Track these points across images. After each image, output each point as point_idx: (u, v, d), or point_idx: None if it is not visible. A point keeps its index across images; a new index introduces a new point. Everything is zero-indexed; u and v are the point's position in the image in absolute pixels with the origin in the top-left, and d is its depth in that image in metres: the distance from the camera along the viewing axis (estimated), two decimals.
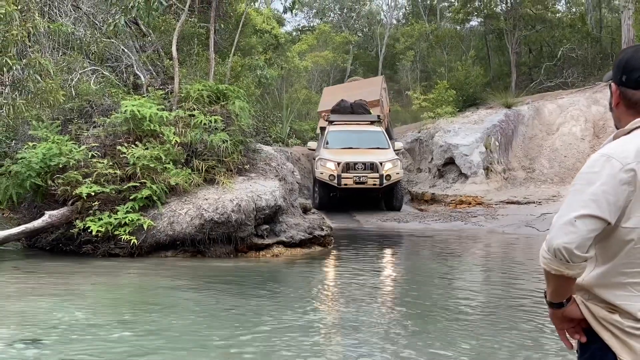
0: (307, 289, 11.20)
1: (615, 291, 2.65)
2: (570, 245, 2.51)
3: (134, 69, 15.59)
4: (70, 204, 12.91)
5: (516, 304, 9.40)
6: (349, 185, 19.17)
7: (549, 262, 2.58)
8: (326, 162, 19.51)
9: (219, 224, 12.74)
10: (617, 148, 2.62)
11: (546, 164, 21.38)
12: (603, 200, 2.53)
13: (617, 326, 2.65)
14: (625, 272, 2.63)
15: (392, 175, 19.30)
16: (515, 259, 14.08)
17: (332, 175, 19.23)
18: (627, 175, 2.54)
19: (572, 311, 2.75)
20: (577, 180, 2.63)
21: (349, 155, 19.64)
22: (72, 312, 8.88)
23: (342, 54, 31.67)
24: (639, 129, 2.68)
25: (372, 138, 20.87)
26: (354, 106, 22.31)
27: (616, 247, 2.62)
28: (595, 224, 2.53)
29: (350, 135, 20.90)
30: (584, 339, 2.76)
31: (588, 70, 30.12)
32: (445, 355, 6.98)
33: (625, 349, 2.63)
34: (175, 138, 13.40)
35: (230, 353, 7.17)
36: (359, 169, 19.23)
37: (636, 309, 2.61)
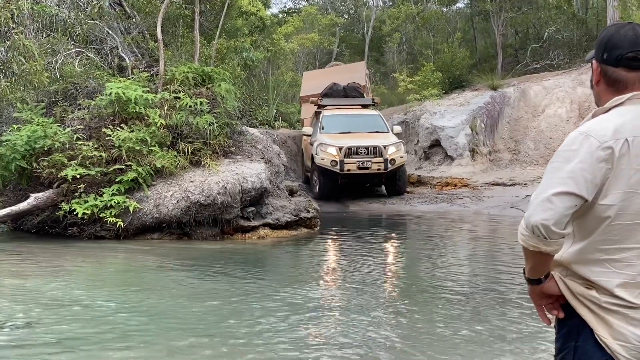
0: (292, 270, 11.25)
1: (592, 267, 2.68)
2: (547, 222, 2.53)
3: (119, 51, 15.52)
4: (55, 187, 12.89)
5: (501, 284, 9.48)
6: (352, 171, 18.38)
7: (527, 238, 2.61)
8: (327, 147, 18.62)
9: (205, 206, 12.75)
10: (596, 126, 2.64)
11: (531, 146, 21.47)
12: (580, 177, 2.56)
13: (594, 302, 2.68)
14: (602, 249, 2.66)
15: (397, 159, 18.53)
16: (500, 240, 14.16)
17: (334, 161, 18.36)
18: (604, 153, 2.57)
19: (550, 287, 2.78)
20: (555, 158, 2.65)
21: (350, 139, 18.85)
22: (59, 294, 8.91)
23: (329, 37, 31.58)
24: (618, 107, 2.69)
25: (370, 122, 20.25)
26: (347, 89, 21.62)
27: (593, 224, 2.65)
28: (572, 201, 2.56)
29: (346, 119, 20.18)
30: (561, 314, 2.79)
31: (574, 52, 30.15)
32: (432, 333, 7.04)
33: (602, 324, 2.67)
34: (160, 120, 13.37)
35: (218, 332, 7.21)
36: (362, 153, 18.42)
37: (613, 284, 2.65)
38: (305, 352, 6.54)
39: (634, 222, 2.63)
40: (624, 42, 2.71)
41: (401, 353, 6.51)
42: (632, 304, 2.64)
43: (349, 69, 25.24)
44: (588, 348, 2.70)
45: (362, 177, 18.86)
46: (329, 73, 24.26)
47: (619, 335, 2.65)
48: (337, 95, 21.39)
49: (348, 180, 18.70)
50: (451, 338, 6.95)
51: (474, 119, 21.53)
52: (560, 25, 30.44)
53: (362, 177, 18.86)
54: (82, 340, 6.94)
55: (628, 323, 2.64)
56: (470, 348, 6.64)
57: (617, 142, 2.59)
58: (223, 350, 6.70)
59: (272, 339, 6.93)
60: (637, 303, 2.65)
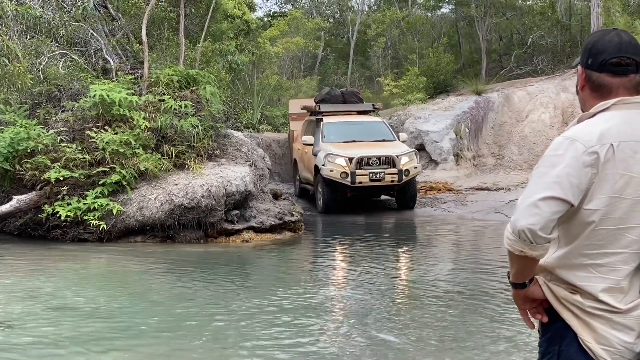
0: (276, 273, 11.25)
1: (576, 272, 2.69)
2: (534, 227, 2.54)
3: (103, 53, 15.45)
4: (38, 189, 12.83)
5: (484, 287, 9.50)
6: (364, 183, 16.89)
7: (513, 243, 2.62)
8: (335, 157, 17.03)
9: (188, 209, 12.72)
10: (581, 131, 2.65)
11: (515, 151, 21.55)
12: (566, 182, 2.57)
13: (578, 306, 2.69)
14: (587, 254, 2.67)
15: (411, 170, 17.13)
16: (483, 244, 14.21)
17: (344, 173, 16.78)
18: (590, 158, 2.58)
19: (535, 292, 2.79)
20: (541, 163, 2.66)
21: (359, 149, 17.40)
22: (40, 296, 8.86)
23: (314, 40, 31.60)
24: (603, 112, 2.71)
25: (375, 129, 18.84)
26: (345, 94, 20.28)
27: (578, 228, 2.66)
28: (558, 206, 2.57)
29: (349, 126, 18.74)
30: (545, 318, 2.80)
31: (558, 57, 30.31)
32: (415, 336, 7.06)
33: (586, 328, 2.68)
34: (145, 123, 13.33)
35: (201, 335, 7.19)
36: (374, 164, 16.94)
37: (597, 289, 2.66)
38: (289, 354, 6.54)
39: (618, 227, 2.65)
40: (608, 48, 2.73)
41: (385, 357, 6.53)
42: (616, 309, 2.66)
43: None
44: (572, 352, 2.71)
45: (373, 190, 17.61)
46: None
47: (603, 339, 2.66)
48: (335, 100, 20.02)
49: (358, 193, 17.43)
50: (440, 341, 6.97)
51: (458, 123, 21.60)
52: (544, 31, 30.60)
53: (373, 190, 17.61)
54: (60, 342, 6.91)
55: (612, 327, 2.66)
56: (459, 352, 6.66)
57: (603, 147, 2.60)
58: (207, 354, 6.69)
59: (257, 342, 6.93)
60: (621, 308, 2.66)
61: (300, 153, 19.32)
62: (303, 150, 18.88)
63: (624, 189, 2.63)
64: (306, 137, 18.40)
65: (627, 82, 2.72)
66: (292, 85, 28.01)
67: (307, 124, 19.60)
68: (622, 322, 2.66)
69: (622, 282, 2.67)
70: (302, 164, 19.16)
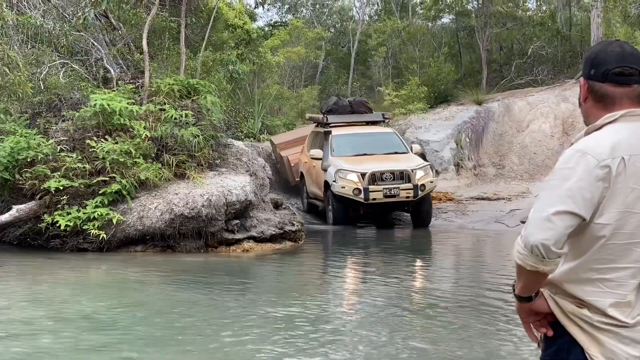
0: (276, 283, 11.22)
1: (584, 287, 2.66)
2: (547, 242, 2.51)
3: (104, 62, 15.45)
4: (38, 198, 12.80)
5: (488, 299, 9.48)
6: (378, 200, 16.07)
7: (524, 257, 2.57)
8: (347, 173, 16.21)
9: (189, 219, 12.69)
10: (592, 143, 2.62)
11: (516, 161, 21.55)
12: (579, 196, 2.54)
13: (586, 321, 2.66)
14: (596, 268, 2.64)
15: (427, 184, 16.26)
16: (484, 255, 14.20)
17: (357, 189, 15.97)
18: (602, 172, 2.55)
19: (540, 305, 2.75)
20: (553, 176, 2.63)
21: (371, 163, 16.56)
22: (38, 307, 8.83)
23: (315, 50, 31.60)
24: (611, 124, 2.68)
25: (386, 141, 17.94)
26: (353, 104, 19.17)
27: (588, 243, 2.63)
28: (571, 220, 2.54)
29: (358, 138, 17.82)
30: (550, 332, 2.76)
31: (558, 67, 30.31)
32: (423, 350, 7.03)
33: (593, 343, 2.65)
34: (145, 132, 13.31)
35: (206, 346, 7.16)
36: (388, 179, 16.12)
37: (605, 304, 2.63)
38: None
39: (628, 242, 2.62)
40: (610, 58, 2.71)
41: None
42: (624, 323, 2.62)
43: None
44: None
45: (387, 207, 16.74)
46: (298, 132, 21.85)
47: (610, 353, 2.62)
48: (343, 111, 18.86)
49: (371, 210, 16.66)
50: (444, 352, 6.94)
51: (459, 133, 21.60)
52: (545, 42, 30.59)
53: (387, 207, 16.74)
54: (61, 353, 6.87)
55: (619, 341, 2.63)
56: None
57: (614, 161, 2.57)
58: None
59: (261, 353, 6.88)
60: (629, 322, 2.63)
61: (307, 167, 18.43)
62: (310, 164, 17.97)
63: (635, 203, 2.60)
64: (314, 151, 17.47)
65: (631, 92, 2.70)
66: (293, 95, 27.98)
67: (314, 137, 18.86)
68: (629, 335, 2.63)
69: (629, 296, 2.64)
70: (310, 179, 18.29)
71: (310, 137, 19.06)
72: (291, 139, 20.65)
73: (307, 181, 18.51)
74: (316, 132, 18.84)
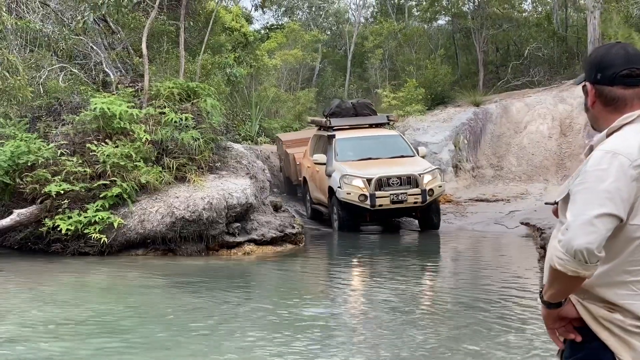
0: (280, 286, 11.22)
1: (617, 290, 2.63)
2: (591, 246, 2.47)
3: (103, 66, 15.44)
4: (39, 203, 12.78)
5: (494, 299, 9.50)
6: (385, 206, 15.50)
7: (566, 263, 2.52)
8: (352, 179, 15.64)
9: (190, 222, 12.69)
10: (620, 144, 2.61)
11: (514, 162, 21.55)
12: (617, 197, 2.52)
13: (618, 325, 2.63)
14: (629, 271, 2.62)
15: (435, 189, 15.74)
16: (488, 256, 14.23)
17: (362, 195, 15.39)
18: (635, 172, 2.54)
19: (569, 311, 2.73)
20: (586, 178, 2.58)
21: (376, 168, 15.97)
22: (45, 311, 8.83)
23: (311, 53, 31.62)
24: (629, 125, 2.68)
25: (391, 144, 17.32)
26: (356, 106, 18.56)
27: (622, 245, 2.61)
28: (612, 223, 2.51)
29: (363, 142, 17.26)
30: (579, 338, 2.72)
31: (554, 69, 30.36)
32: (418, 346, 7.04)
33: (624, 347, 2.62)
34: (145, 136, 13.31)
35: (212, 349, 7.17)
36: (395, 184, 15.54)
37: (639, 307, 2.61)
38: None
39: None
40: (616, 60, 2.72)
41: None
42: None
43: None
44: None
45: (394, 213, 16.16)
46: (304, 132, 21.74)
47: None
48: (347, 113, 18.25)
49: (378, 216, 16.15)
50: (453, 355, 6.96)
51: (457, 135, 21.61)
52: (541, 43, 30.64)
53: (394, 213, 16.16)
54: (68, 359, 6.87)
55: None
56: None
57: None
58: None
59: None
60: None
61: (310, 172, 17.72)
62: (314, 169, 17.30)
63: None
64: (318, 156, 16.85)
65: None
66: (290, 98, 27.99)
67: (317, 140, 18.28)
68: None
69: None
70: (314, 184, 17.61)
71: (313, 142, 18.51)
72: (299, 137, 20.56)
73: (311, 186, 17.89)
74: (318, 135, 18.31)
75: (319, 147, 17.69)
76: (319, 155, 16.87)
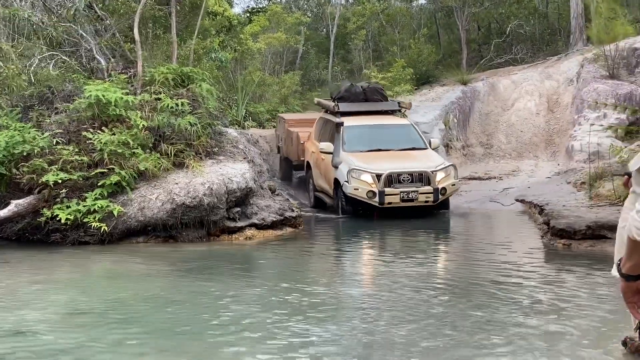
0: (282, 270, 11.19)
1: None
2: None
3: (94, 53, 15.26)
4: (36, 193, 12.64)
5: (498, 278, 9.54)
6: (394, 204, 14.79)
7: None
8: (361, 173, 14.86)
9: (191, 208, 12.61)
10: None
11: (503, 139, 21.61)
12: None
13: None
14: None
15: (448, 188, 15.03)
16: (489, 234, 14.27)
17: (371, 192, 14.65)
18: None
19: None
20: None
21: (386, 161, 15.21)
22: (51, 301, 8.75)
23: (295, 35, 31.44)
24: None
25: (403, 135, 16.46)
26: (367, 91, 17.56)
27: None
28: None
29: (373, 131, 16.36)
30: None
31: (537, 45, 30.50)
32: (433, 332, 7.05)
33: None
34: (142, 122, 13.18)
35: (228, 333, 7.13)
36: (405, 181, 14.81)
37: None
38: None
39: None
40: None
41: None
42: None
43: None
44: None
45: (404, 211, 15.09)
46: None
47: None
48: (356, 99, 17.36)
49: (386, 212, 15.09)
50: (461, 335, 6.97)
51: (446, 114, 21.62)
52: (523, 20, 30.71)
53: (404, 211, 15.09)
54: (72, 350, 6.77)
55: None
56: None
57: None
58: (238, 351, 6.62)
59: (271, 340, 6.85)
60: None
61: (315, 158, 16.82)
62: (319, 156, 16.44)
63: None
64: (324, 145, 16.07)
65: None
66: (276, 81, 27.83)
67: (323, 124, 17.48)
68: None
69: None
70: (318, 171, 16.73)
71: (319, 125, 17.71)
72: (302, 118, 20.25)
73: (315, 173, 16.99)
74: (325, 119, 17.50)
75: (326, 132, 16.99)
76: (326, 144, 16.10)
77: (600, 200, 13.00)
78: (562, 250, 11.31)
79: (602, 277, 9.14)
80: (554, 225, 11.82)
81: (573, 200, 13.48)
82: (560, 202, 13.43)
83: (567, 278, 9.52)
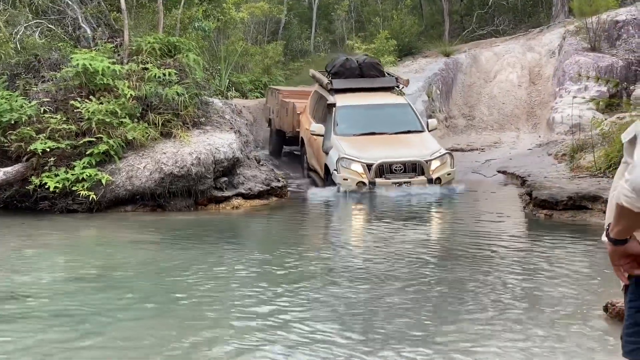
0: (269, 239, 11.38)
1: None
2: None
3: (80, 22, 15.21)
4: (24, 161, 12.70)
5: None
6: None
7: (632, 200, 2.63)
8: (351, 162, 14.13)
9: (178, 178, 12.72)
10: None
11: (485, 111, 21.77)
12: None
13: None
14: None
15: (443, 177, 14.31)
16: (475, 204, 14.46)
17: (361, 182, 13.95)
18: None
19: (634, 247, 2.86)
20: None
21: (379, 149, 14.45)
22: (42, 267, 8.91)
23: (277, 5, 31.38)
24: None
25: (399, 116, 15.66)
26: (362, 66, 16.69)
27: None
28: None
29: (367, 112, 15.58)
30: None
31: (519, 17, 30.61)
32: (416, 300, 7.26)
33: None
34: (130, 92, 13.23)
35: (221, 301, 7.30)
36: (398, 171, 14.15)
37: None
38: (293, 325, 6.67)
39: None
40: None
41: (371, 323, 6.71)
42: None
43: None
44: None
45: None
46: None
47: None
48: (351, 74, 16.47)
49: None
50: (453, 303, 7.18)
51: (430, 85, 21.73)
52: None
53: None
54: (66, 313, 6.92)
55: None
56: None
57: None
58: (226, 320, 6.79)
59: (271, 307, 7.04)
60: None
61: (309, 136, 15.99)
62: (311, 135, 15.70)
63: None
64: (316, 127, 15.23)
65: None
66: (258, 51, 27.80)
67: (318, 99, 16.71)
68: None
69: None
70: (311, 150, 16.08)
71: (314, 99, 17.02)
72: (296, 90, 20.02)
73: (308, 152, 16.37)
74: (320, 94, 16.75)
75: (319, 108, 16.37)
76: (318, 125, 15.29)
77: (581, 171, 13.26)
78: (544, 220, 11.53)
79: (583, 246, 9.40)
80: (536, 196, 12.06)
81: (554, 172, 13.71)
82: (542, 174, 13.67)
83: (549, 247, 9.75)
